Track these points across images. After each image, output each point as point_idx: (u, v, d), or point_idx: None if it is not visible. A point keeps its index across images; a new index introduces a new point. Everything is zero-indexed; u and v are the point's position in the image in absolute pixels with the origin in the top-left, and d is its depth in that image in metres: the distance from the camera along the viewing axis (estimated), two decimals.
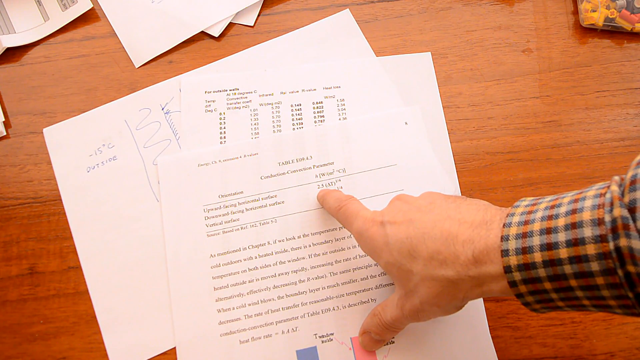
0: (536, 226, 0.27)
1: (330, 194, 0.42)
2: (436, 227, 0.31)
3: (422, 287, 0.32)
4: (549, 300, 0.28)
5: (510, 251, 0.27)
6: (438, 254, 0.31)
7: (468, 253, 0.29)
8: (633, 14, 0.48)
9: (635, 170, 0.25)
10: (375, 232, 0.34)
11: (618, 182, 0.26)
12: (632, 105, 0.47)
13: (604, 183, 0.27)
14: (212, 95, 0.48)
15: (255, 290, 0.42)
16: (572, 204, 0.27)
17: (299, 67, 0.49)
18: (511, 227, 0.28)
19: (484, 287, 0.30)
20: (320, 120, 0.47)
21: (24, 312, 0.42)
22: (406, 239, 0.32)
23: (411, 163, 0.45)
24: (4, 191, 0.46)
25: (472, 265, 0.29)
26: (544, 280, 0.27)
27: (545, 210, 0.27)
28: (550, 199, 0.28)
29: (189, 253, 0.43)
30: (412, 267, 0.32)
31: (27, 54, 0.50)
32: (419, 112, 0.47)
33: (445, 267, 0.30)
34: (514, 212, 0.29)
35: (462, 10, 0.51)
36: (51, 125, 0.47)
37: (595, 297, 0.26)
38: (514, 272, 0.27)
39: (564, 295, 0.27)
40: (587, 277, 0.25)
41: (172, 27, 0.50)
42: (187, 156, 0.46)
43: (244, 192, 0.45)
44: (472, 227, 0.30)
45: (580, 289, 0.26)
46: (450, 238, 0.30)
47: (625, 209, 0.24)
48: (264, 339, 0.41)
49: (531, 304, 0.28)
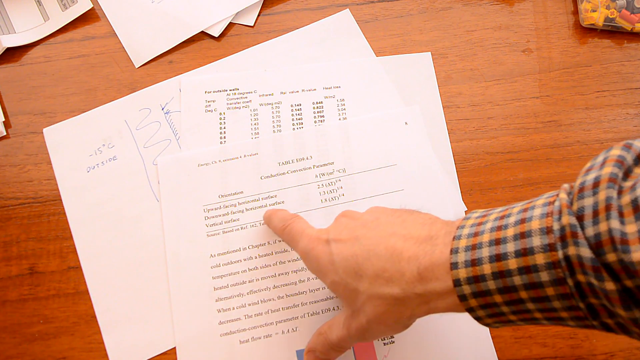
0: (485, 237, 0.26)
1: (275, 213, 0.41)
2: (381, 243, 0.30)
3: (369, 306, 0.31)
4: (501, 314, 0.27)
5: (460, 264, 0.26)
6: (384, 272, 0.30)
7: (413, 270, 0.28)
8: (633, 14, 0.48)
9: (583, 178, 0.24)
10: (320, 251, 0.33)
11: (567, 190, 0.25)
12: (632, 105, 0.47)
13: (554, 192, 0.26)
14: (212, 95, 0.48)
15: (255, 290, 0.42)
16: (521, 213, 0.26)
17: (299, 67, 0.49)
18: (461, 240, 0.27)
19: (430, 305, 0.29)
20: (320, 120, 0.47)
21: (24, 312, 0.42)
22: (351, 257, 0.31)
23: (411, 163, 0.45)
24: (4, 191, 0.46)
25: (417, 283, 0.28)
26: (494, 293, 0.26)
27: (495, 221, 0.27)
28: (501, 209, 0.28)
29: (189, 253, 0.43)
30: (358, 285, 0.31)
31: (27, 54, 0.50)
32: (419, 112, 0.47)
33: (391, 285, 0.29)
34: (464, 225, 0.28)
35: (462, 10, 0.51)
36: (51, 125, 0.47)
37: (547, 309, 0.25)
38: (463, 285, 0.26)
39: (515, 308, 0.26)
40: (537, 288, 0.24)
41: (172, 27, 0.50)
42: (187, 156, 0.46)
43: (244, 192, 0.45)
44: (418, 243, 0.29)
45: (531, 301, 0.25)
46: (396, 255, 0.29)
47: (574, 216, 0.23)
48: (264, 339, 0.41)
49: (483, 318, 0.27)
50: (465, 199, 0.45)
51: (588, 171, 0.25)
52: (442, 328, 0.41)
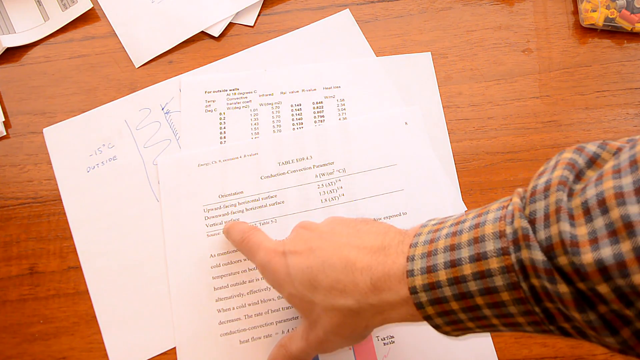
0: (441, 244, 0.26)
1: (234, 226, 0.40)
2: (335, 254, 0.30)
3: (325, 318, 0.31)
4: (459, 322, 0.26)
5: (416, 271, 0.26)
6: (337, 283, 0.29)
7: (367, 280, 0.28)
8: (633, 14, 0.48)
9: (536, 182, 0.24)
10: (277, 263, 0.33)
11: (521, 194, 0.25)
12: (632, 105, 0.47)
13: (508, 197, 0.26)
14: (212, 95, 0.48)
15: (255, 291, 0.42)
16: (476, 218, 0.26)
17: (299, 67, 0.49)
18: (417, 247, 0.27)
19: (384, 315, 0.29)
20: (320, 120, 0.47)
21: (24, 312, 0.42)
22: (307, 268, 0.31)
23: (411, 163, 0.45)
24: (4, 191, 0.46)
25: (371, 293, 0.28)
26: (450, 300, 0.25)
27: (451, 227, 0.27)
28: (457, 216, 0.28)
29: (189, 253, 0.43)
30: (314, 297, 0.31)
31: (27, 54, 0.50)
32: (419, 112, 0.47)
33: (346, 296, 0.29)
34: (421, 232, 0.28)
35: (462, 10, 0.51)
36: (51, 125, 0.47)
37: (504, 315, 0.25)
38: (419, 292, 0.26)
39: (472, 315, 0.26)
40: (493, 293, 0.24)
41: (172, 27, 0.50)
42: (187, 156, 0.46)
43: (244, 192, 0.45)
44: (371, 253, 0.29)
45: (488, 307, 0.25)
46: (349, 265, 0.29)
47: (526, 219, 0.23)
48: (264, 339, 0.41)
49: (441, 326, 0.27)
50: (465, 199, 0.45)
51: (540, 175, 0.25)
52: None
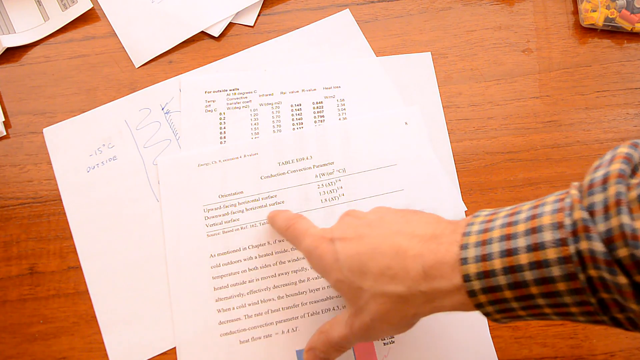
0: (495, 233, 0.26)
1: (279, 214, 0.41)
2: (386, 242, 0.31)
3: (373, 304, 0.31)
4: (510, 310, 0.27)
5: (469, 259, 0.27)
6: (388, 270, 0.30)
7: (418, 268, 0.29)
8: (633, 14, 0.48)
9: (592, 175, 0.25)
10: (324, 250, 0.33)
11: (577, 187, 0.26)
12: (632, 105, 0.47)
13: (564, 190, 0.26)
14: (212, 95, 0.48)
15: (255, 290, 0.42)
16: (532, 210, 0.26)
17: (299, 67, 0.49)
18: (470, 236, 0.27)
19: (435, 303, 0.29)
20: (320, 120, 0.47)
21: (24, 312, 0.42)
22: (356, 255, 0.31)
23: (411, 163, 0.45)
24: (4, 191, 0.46)
25: (422, 280, 0.28)
26: (504, 289, 0.26)
27: (505, 218, 0.27)
28: (510, 208, 0.28)
29: (189, 253, 0.43)
30: (362, 284, 0.31)
31: (27, 54, 0.50)
32: (418, 112, 0.47)
33: (396, 283, 0.29)
34: (473, 222, 0.28)
35: (462, 10, 0.51)
36: (51, 125, 0.47)
37: (557, 305, 0.25)
38: (472, 280, 0.26)
39: (525, 304, 0.26)
40: (548, 283, 0.24)
41: (172, 27, 0.50)
42: (187, 156, 0.46)
43: (244, 192, 0.45)
44: (422, 241, 0.29)
45: (542, 297, 0.25)
46: (400, 253, 0.30)
47: (586, 211, 0.24)
48: (264, 339, 0.41)
49: (492, 314, 0.27)
50: (465, 199, 0.45)
51: (596, 169, 0.25)
52: (442, 328, 0.41)
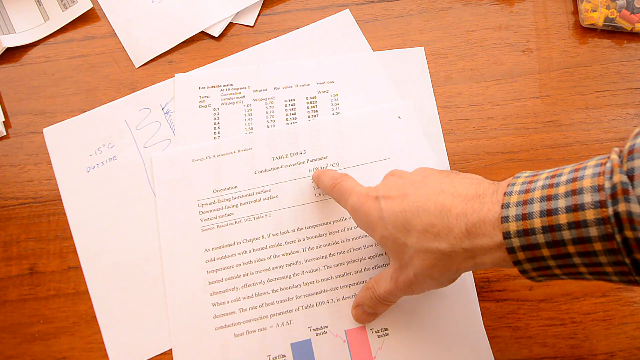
0: (537, 194, 0.28)
1: (325, 173, 0.42)
2: (430, 200, 0.32)
3: (416, 260, 0.32)
4: (547, 268, 0.28)
5: (510, 217, 0.28)
6: (432, 227, 0.31)
7: (461, 226, 0.30)
8: (633, 14, 0.48)
9: (633, 141, 0.26)
10: (370, 207, 0.35)
11: (618, 152, 0.26)
12: (632, 105, 0.47)
13: (605, 155, 0.27)
14: (206, 91, 0.48)
15: (250, 284, 0.42)
16: (573, 172, 0.27)
17: (292, 62, 0.49)
18: (512, 196, 0.29)
19: (476, 259, 0.30)
20: (314, 115, 0.47)
21: (24, 312, 0.42)
22: (400, 212, 0.33)
23: (404, 157, 0.46)
24: (4, 191, 0.46)
25: (465, 238, 0.30)
26: (542, 247, 0.27)
27: (546, 180, 0.28)
28: (551, 170, 0.29)
29: (184, 248, 0.43)
30: (407, 240, 0.32)
31: (27, 54, 0.50)
32: (411, 106, 0.47)
33: (439, 240, 0.31)
34: (514, 182, 0.30)
35: (462, 10, 0.51)
36: (51, 125, 0.47)
37: (593, 264, 0.26)
38: (512, 238, 0.28)
39: (562, 262, 0.27)
40: (585, 242, 0.25)
41: (172, 27, 0.50)
42: (181, 151, 0.46)
43: (238, 187, 0.45)
44: (466, 201, 0.31)
45: (578, 255, 0.26)
46: (444, 211, 0.31)
47: (625, 175, 0.25)
48: (259, 332, 0.41)
49: (528, 271, 0.29)
50: None
51: (637, 135, 0.26)
52: (435, 320, 0.41)
